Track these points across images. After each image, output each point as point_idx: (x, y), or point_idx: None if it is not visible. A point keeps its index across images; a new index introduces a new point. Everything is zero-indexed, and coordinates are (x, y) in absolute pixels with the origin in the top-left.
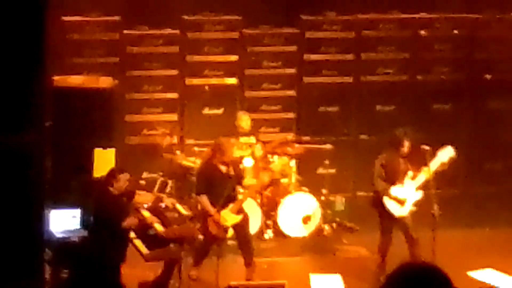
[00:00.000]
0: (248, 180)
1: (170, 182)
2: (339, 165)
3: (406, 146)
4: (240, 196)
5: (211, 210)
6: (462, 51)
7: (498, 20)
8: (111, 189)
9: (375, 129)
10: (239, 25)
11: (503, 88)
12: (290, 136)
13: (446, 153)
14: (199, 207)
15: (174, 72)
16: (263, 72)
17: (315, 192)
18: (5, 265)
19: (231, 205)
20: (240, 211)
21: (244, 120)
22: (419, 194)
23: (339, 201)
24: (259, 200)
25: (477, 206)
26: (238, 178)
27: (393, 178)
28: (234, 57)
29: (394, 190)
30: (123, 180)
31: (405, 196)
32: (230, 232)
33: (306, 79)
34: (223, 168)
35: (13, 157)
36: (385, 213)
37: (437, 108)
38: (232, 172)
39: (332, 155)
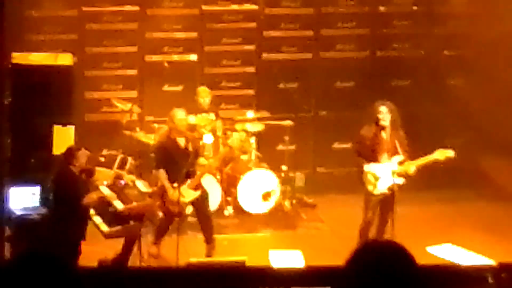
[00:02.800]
0: (207, 156)
1: (130, 159)
2: (299, 142)
3: (383, 119)
4: (198, 172)
5: (168, 185)
6: (421, 27)
7: None
8: (70, 166)
9: (334, 105)
10: (198, 1)
11: (462, 64)
12: (250, 112)
13: (444, 154)
14: (159, 184)
15: (133, 49)
16: (222, 48)
17: (275, 168)
18: None
19: (189, 181)
20: (198, 187)
21: (203, 97)
22: (399, 180)
23: (299, 177)
24: (218, 177)
25: (436, 182)
26: (197, 154)
27: (373, 153)
28: (193, 34)
29: (372, 166)
30: (82, 157)
31: (381, 175)
32: (190, 209)
33: (266, 56)
34: (181, 143)
35: None
36: (366, 190)
37: (396, 84)
38: (190, 148)
39: (291, 132)
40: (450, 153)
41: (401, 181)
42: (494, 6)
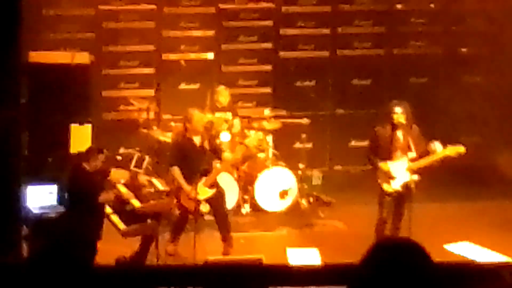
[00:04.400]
0: (225, 154)
1: (147, 158)
2: (316, 140)
3: (398, 119)
4: (213, 170)
5: (183, 182)
6: (438, 25)
7: None
8: (84, 165)
9: (351, 103)
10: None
11: (478, 61)
12: (267, 110)
13: (455, 150)
14: (175, 182)
15: (150, 47)
16: (239, 46)
17: (292, 166)
18: None
19: (204, 179)
20: (213, 185)
21: (223, 94)
22: (414, 177)
23: (316, 175)
24: (236, 175)
25: (453, 180)
26: (214, 152)
27: (387, 152)
28: (210, 32)
29: (387, 164)
30: (100, 159)
31: (396, 173)
32: (207, 207)
33: (283, 54)
34: (196, 141)
35: None
36: (380, 188)
37: (413, 82)
38: (207, 146)
39: (308, 130)
40: (461, 148)
41: (416, 177)
42: (511, 3)
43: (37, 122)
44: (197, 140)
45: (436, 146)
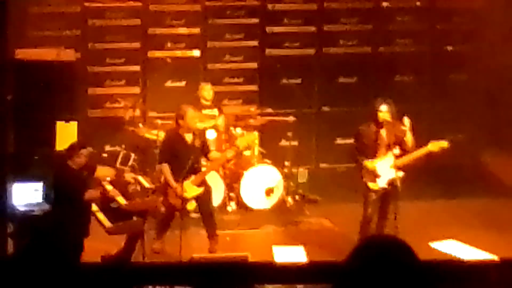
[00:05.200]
0: (213, 153)
1: (132, 155)
2: (302, 137)
3: (382, 116)
4: (203, 169)
5: (171, 179)
6: (424, 23)
7: None
8: (69, 162)
9: (337, 101)
10: None
11: (464, 59)
12: (253, 108)
13: (438, 145)
14: (162, 179)
15: (136, 44)
16: (225, 44)
17: (278, 164)
18: None
19: (193, 177)
20: (201, 183)
21: (206, 90)
22: (399, 173)
23: (302, 173)
24: (222, 173)
25: (439, 178)
26: (204, 150)
27: (371, 150)
28: (196, 30)
29: (371, 162)
30: (84, 155)
31: (381, 171)
32: (193, 205)
33: (269, 51)
34: (188, 139)
35: None
36: (365, 186)
37: (399, 80)
38: (197, 144)
39: (294, 127)
40: (444, 143)
41: (401, 174)
42: (496, 2)
43: (23, 119)
44: (188, 137)
45: (406, 121)
